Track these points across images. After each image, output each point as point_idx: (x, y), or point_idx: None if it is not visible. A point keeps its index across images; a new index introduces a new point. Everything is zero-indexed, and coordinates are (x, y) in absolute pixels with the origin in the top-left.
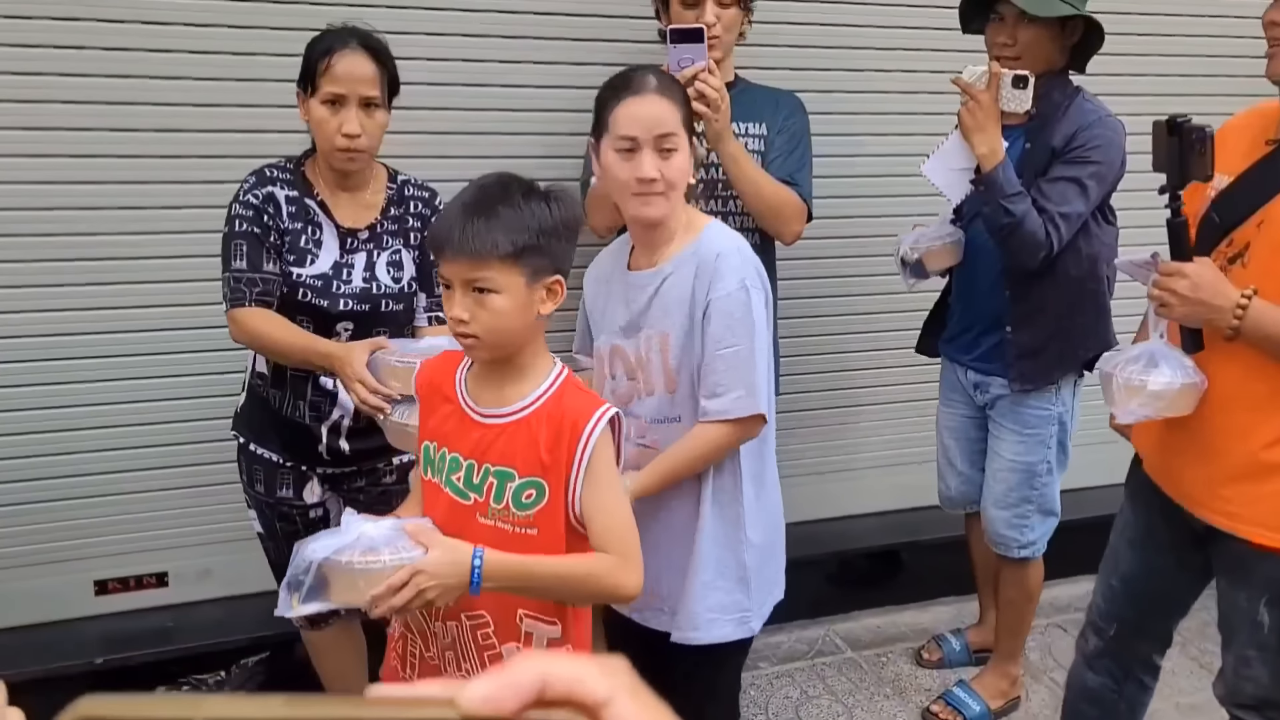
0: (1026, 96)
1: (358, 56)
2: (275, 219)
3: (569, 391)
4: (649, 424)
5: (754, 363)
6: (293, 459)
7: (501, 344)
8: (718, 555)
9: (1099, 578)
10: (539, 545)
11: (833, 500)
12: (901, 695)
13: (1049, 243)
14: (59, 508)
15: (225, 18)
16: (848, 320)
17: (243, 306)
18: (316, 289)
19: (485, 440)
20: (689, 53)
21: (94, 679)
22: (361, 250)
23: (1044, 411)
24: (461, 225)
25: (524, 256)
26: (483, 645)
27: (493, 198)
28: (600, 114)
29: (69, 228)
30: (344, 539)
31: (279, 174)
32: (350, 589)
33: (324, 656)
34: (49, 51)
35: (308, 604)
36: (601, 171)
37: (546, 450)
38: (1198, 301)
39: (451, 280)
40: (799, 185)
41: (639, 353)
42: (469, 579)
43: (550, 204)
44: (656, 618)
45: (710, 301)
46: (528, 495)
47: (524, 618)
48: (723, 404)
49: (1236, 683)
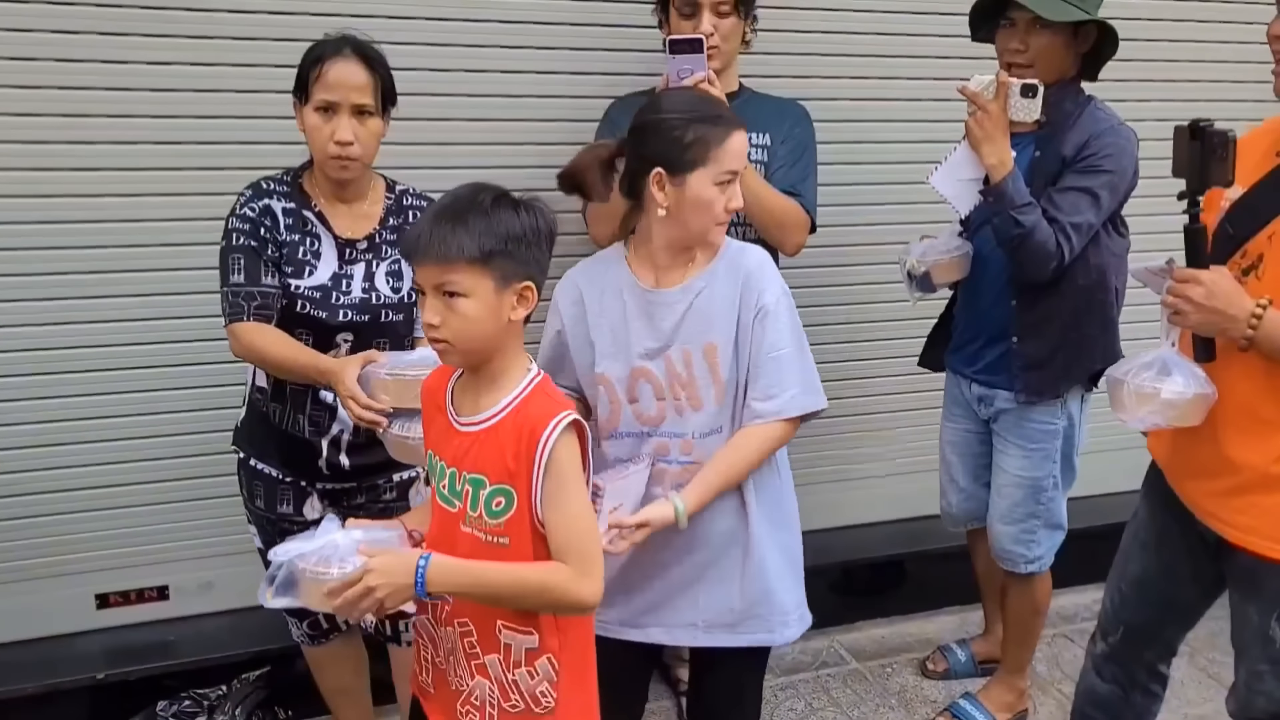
0: (1036, 106)
1: (350, 64)
2: (272, 231)
3: (536, 397)
4: (697, 440)
5: (805, 362)
6: (292, 474)
7: (473, 349)
8: (775, 558)
9: (1109, 580)
10: (510, 556)
11: (837, 510)
12: (907, 707)
13: (1060, 253)
14: (58, 521)
15: (225, 29)
16: (853, 329)
17: (241, 321)
18: (315, 300)
19: (463, 448)
20: (688, 63)
21: (95, 694)
22: (360, 261)
23: (1049, 425)
24: (430, 231)
25: (491, 260)
26: (469, 654)
27: (462, 205)
28: (680, 150)
29: (71, 240)
30: (314, 544)
31: (276, 186)
32: (308, 593)
33: (325, 671)
34: (46, 65)
35: (279, 599)
36: (687, 205)
37: (512, 457)
38: (1212, 310)
39: (423, 286)
40: (802, 196)
41: (675, 370)
42: (413, 580)
43: (520, 210)
44: (690, 634)
45: (762, 308)
46: (497, 503)
47: (502, 629)
48: (778, 404)
49: (1249, 697)
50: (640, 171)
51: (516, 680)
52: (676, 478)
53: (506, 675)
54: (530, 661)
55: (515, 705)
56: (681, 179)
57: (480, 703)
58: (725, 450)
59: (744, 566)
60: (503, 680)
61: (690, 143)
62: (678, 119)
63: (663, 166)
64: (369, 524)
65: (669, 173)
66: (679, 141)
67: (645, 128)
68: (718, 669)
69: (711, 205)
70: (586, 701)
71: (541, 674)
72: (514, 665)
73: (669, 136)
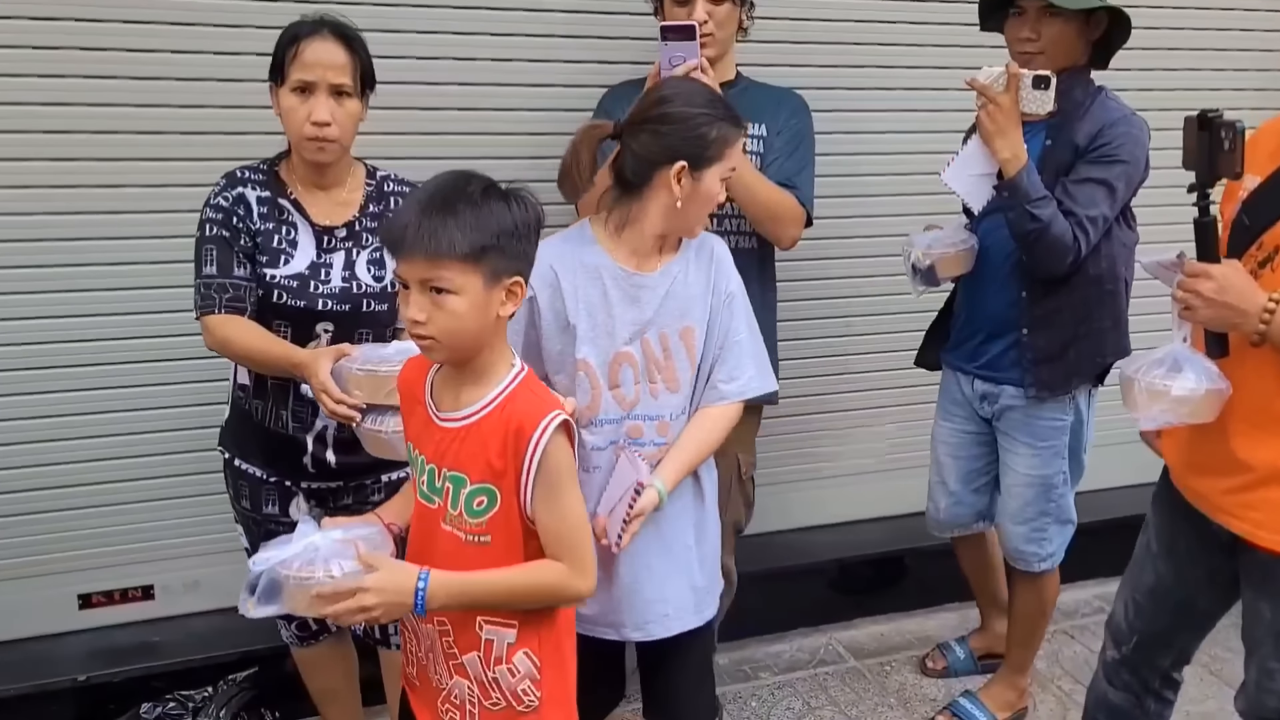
0: (1048, 97)
1: (328, 44)
2: (245, 220)
3: (521, 394)
4: (672, 421)
5: (759, 345)
6: (277, 474)
7: (459, 346)
8: (712, 537)
9: (1120, 590)
10: (493, 554)
11: (834, 505)
12: (906, 706)
13: (1076, 247)
14: (40, 519)
15: (208, 16)
16: (850, 323)
17: (213, 314)
18: (292, 289)
19: (443, 444)
20: (681, 50)
21: (77, 696)
22: (340, 249)
23: (1058, 422)
24: (417, 223)
25: (483, 257)
26: (446, 654)
27: (450, 195)
28: (704, 146)
29: (50, 233)
30: (292, 549)
31: (251, 175)
32: (293, 599)
33: (313, 672)
34: (27, 53)
35: (262, 608)
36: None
37: (496, 455)
38: (1223, 305)
39: (408, 280)
40: (798, 189)
41: (652, 353)
42: (412, 601)
43: (511, 203)
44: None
45: (730, 294)
46: (478, 502)
47: (483, 624)
48: (740, 385)
49: (1260, 696)
50: (658, 162)
51: (496, 678)
52: (650, 459)
53: (486, 673)
54: (509, 657)
55: (496, 703)
56: (700, 174)
57: (460, 702)
58: (695, 431)
59: (700, 545)
60: (483, 679)
61: (714, 139)
62: (704, 115)
63: (687, 160)
64: (345, 522)
65: (692, 167)
66: (704, 138)
67: (666, 119)
68: (678, 654)
69: (714, 200)
70: (567, 697)
71: (523, 671)
72: (494, 662)
73: (695, 132)
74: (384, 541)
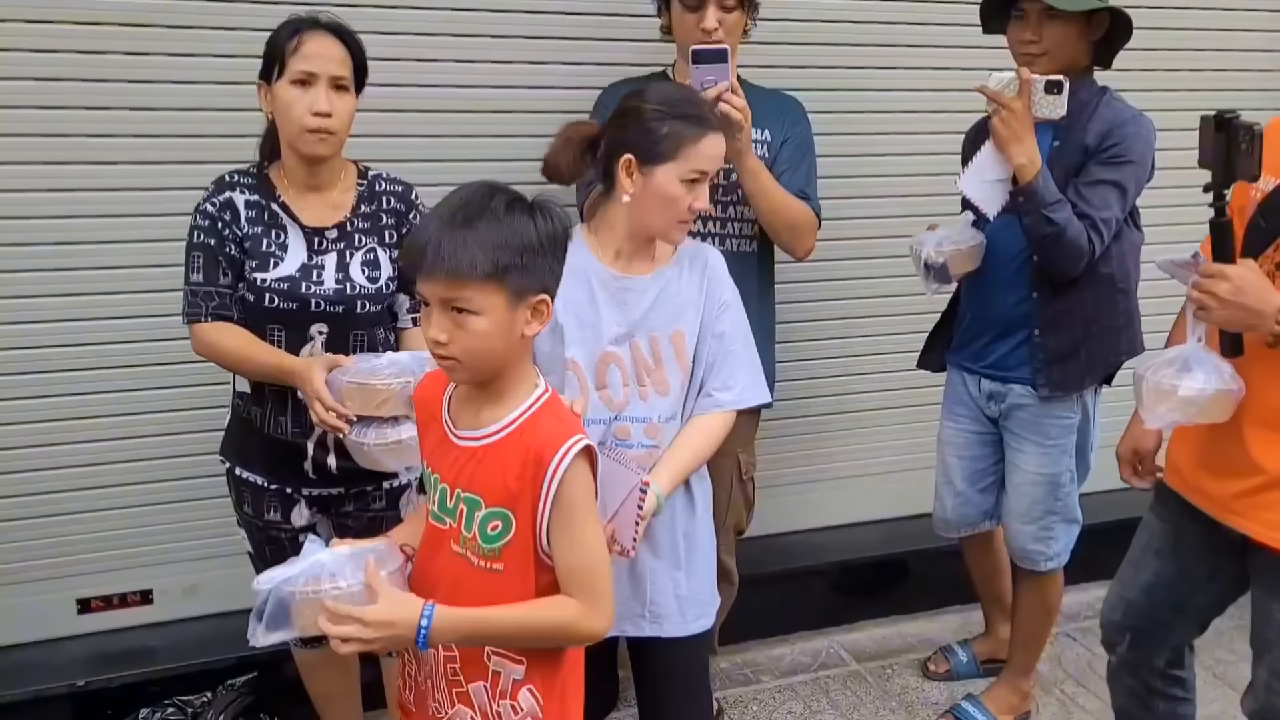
0: (1061, 102)
1: (327, 38)
2: (232, 226)
3: (544, 417)
4: (661, 424)
5: (753, 356)
6: (278, 482)
7: (482, 367)
8: (704, 550)
9: (1110, 593)
10: (504, 584)
11: (836, 507)
12: (908, 709)
13: (1091, 249)
14: (38, 524)
15: (207, 19)
16: (851, 324)
17: (199, 321)
18: (283, 292)
19: (459, 464)
20: (712, 73)
21: (75, 701)
22: (332, 250)
23: (1066, 420)
24: (438, 241)
25: (506, 276)
26: (450, 680)
27: (473, 210)
28: (654, 141)
29: (48, 237)
30: (298, 567)
31: (240, 179)
32: (301, 616)
33: (314, 676)
34: (22, 55)
35: (272, 634)
36: (651, 197)
37: (514, 478)
38: (1239, 306)
39: (429, 299)
40: (811, 199)
41: (641, 356)
42: (414, 636)
43: (536, 217)
44: (636, 625)
45: (724, 303)
46: (493, 527)
47: (491, 655)
48: (735, 394)
49: (1269, 698)
50: (613, 155)
51: (500, 712)
52: (641, 461)
53: (491, 705)
54: (514, 694)
55: None
56: (650, 169)
57: None
58: (690, 437)
59: (690, 556)
60: (487, 710)
61: (664, 135)
62: (657, 110)
63: (634, 154)
64: (354, 544)
65: (639, 160)
66: (654, 133)
67: (625, 114)
68: (669, 665)
69: (675, 202)
70: None
71: (525, 709)
72: (500, 695)
73: (645, 126)
74: (393, 557)
